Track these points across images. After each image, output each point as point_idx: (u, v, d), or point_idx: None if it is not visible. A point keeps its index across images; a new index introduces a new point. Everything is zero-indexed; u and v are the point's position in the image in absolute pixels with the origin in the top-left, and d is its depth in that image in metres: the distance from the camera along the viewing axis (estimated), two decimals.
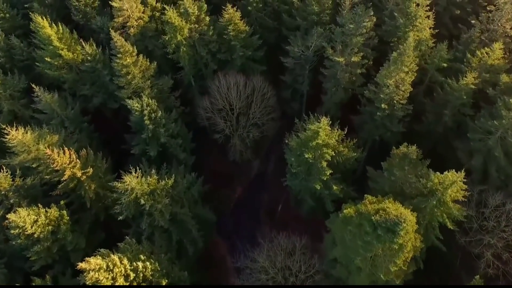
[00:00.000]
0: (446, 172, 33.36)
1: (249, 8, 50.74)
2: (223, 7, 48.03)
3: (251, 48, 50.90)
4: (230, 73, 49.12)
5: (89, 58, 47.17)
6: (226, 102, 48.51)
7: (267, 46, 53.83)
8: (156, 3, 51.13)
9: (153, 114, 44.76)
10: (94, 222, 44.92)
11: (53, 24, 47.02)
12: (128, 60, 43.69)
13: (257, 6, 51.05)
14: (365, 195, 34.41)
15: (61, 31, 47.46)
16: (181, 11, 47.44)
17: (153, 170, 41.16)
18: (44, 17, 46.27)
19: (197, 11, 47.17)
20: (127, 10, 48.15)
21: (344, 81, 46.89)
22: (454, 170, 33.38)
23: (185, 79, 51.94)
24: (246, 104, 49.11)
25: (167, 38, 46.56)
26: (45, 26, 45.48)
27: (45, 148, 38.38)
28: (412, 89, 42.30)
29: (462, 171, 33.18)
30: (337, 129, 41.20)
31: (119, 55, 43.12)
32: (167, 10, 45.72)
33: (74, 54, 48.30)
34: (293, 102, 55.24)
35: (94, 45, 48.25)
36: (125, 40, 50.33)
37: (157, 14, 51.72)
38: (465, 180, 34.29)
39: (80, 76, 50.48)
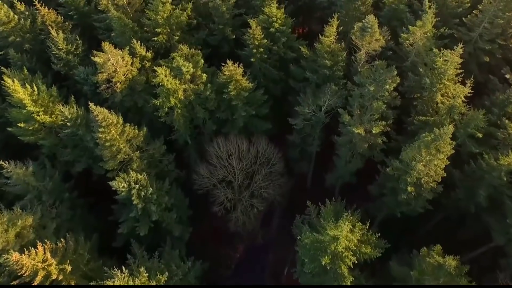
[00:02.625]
0: None
1: (252, 59, 44.48)
2: (222, 64, 41.78)
3: (254, 105, 44.72)
4: (231, 137, 42.94)
5: (68, 124, 40.83)
6: (227, 172, 42.42)
7: (272, 98, 47.71)
8: (146, 52, 44.97)
9: (142, 192, 38.74)
10: None
11: (27, 85, 40.60)
12: (112, 133, 37.48)
13: (261, 56, 44.74)
14: None
15: (36, 91, 41.12)
16: (174, 67, 41.30)
17: (142, 268, 35.11)
18: (15, 80, 39.80)
19: (192, 69, 40.88)
20: (112, 64, 41.96)
21: (362, 149, 40.98)
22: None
23: (180, 139, 45.76)
24: (249, 173, 43.05)
25: (158, 103, 40.35)
26: (16, 90, 39.12)
27: (11, 254, 32.27)
28: (445, 174, 36.24)
29: None
30: (357, 218, 35.23)
31: (101, 129, 36.80)
32: (158, 71, 39.39)
33: (53, 116, 42.04)
34: (301, 162, 49.20)
35: (75, 107, 41.87)
36: (112, 94, 44.62)
37: (148, 64, 45.63)
38: None
39: (60, 139, 44.24)
